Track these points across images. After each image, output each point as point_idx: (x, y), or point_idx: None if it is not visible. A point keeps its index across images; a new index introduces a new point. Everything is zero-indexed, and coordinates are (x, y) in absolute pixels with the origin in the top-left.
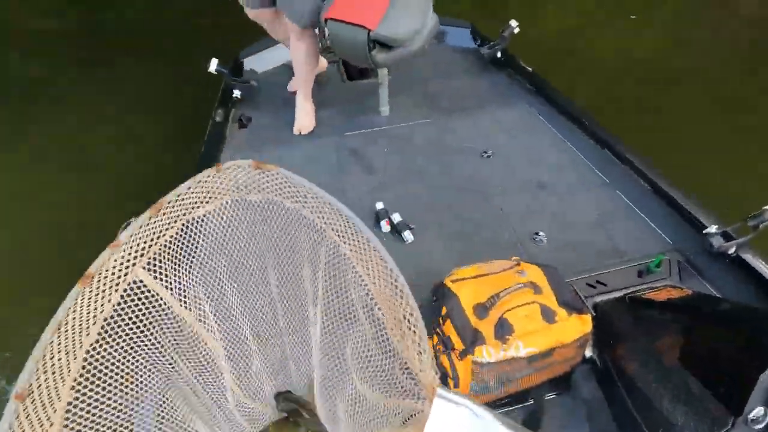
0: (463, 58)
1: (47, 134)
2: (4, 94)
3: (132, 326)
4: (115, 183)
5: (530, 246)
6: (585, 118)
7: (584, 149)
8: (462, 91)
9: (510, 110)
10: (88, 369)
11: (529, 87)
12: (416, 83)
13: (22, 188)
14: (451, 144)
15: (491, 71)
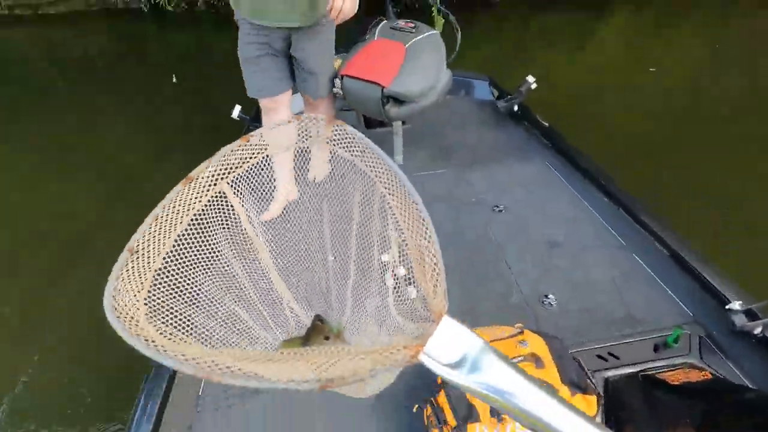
0: (480, 110)
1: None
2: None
3: (210, 227)
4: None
5: (539, 309)
6: (601, 176)
7: (600, 208)
8: (478, 143)
9: (525, 164)
10: (175, 247)
11: (545, 142)
12: (432, 133)
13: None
14: (464, 196)
15: (508, 124)
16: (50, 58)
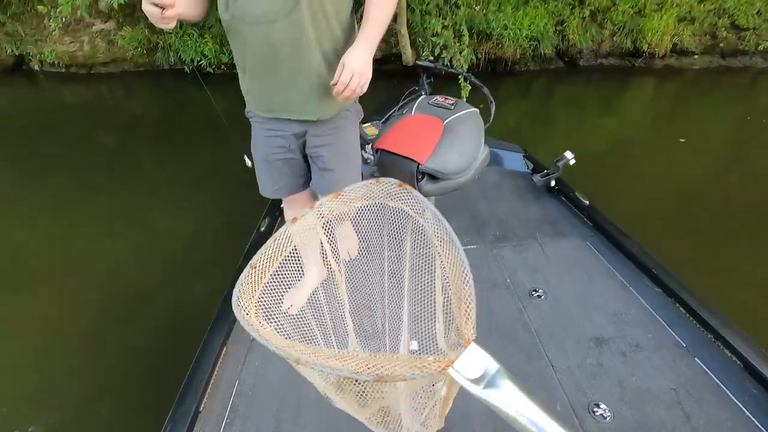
0: (514, 182)
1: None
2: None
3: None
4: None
5: (589, 421)
6: (651, 263)
7: (652, 300)
8: (512, 217)
9: (564, 244)
10: (279, 269)
11: (585, 220)
12: (464, 205)
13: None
14: (498, 276)
15: (544, 199)
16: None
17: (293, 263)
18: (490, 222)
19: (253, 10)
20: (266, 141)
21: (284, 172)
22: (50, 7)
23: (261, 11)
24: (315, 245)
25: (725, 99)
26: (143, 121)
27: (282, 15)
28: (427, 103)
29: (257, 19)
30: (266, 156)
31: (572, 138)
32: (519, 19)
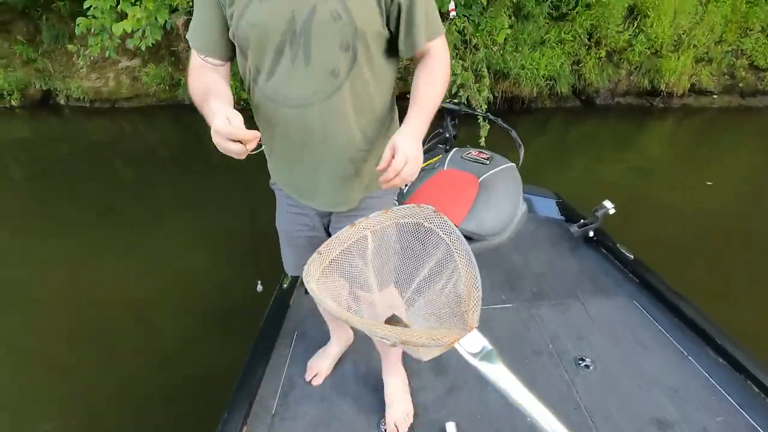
0: (549, 231)
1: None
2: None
3: (354, 253)
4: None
5: None
6: (711, 328)
7: (715, 373)
8: (549, 271)
9: (608, 303)
10: (337, 257)
11: (630, 276)
12: (496, 257)
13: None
14: (537, 340)
15: (582, 251)
16: (117, 146)
17: (347, 256)
18: (525, 276)
19: (288, 92)
20: (290, 218)
21: (308, 250)
22: (80, 46)
23: (298, 94)
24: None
25: (747, 138)
26: (161, 153)
27: (321, 98)
28: (460, 157)
29: (292, 102)
30: (289, 233)
31: (591, 177)
32: (536, 59)
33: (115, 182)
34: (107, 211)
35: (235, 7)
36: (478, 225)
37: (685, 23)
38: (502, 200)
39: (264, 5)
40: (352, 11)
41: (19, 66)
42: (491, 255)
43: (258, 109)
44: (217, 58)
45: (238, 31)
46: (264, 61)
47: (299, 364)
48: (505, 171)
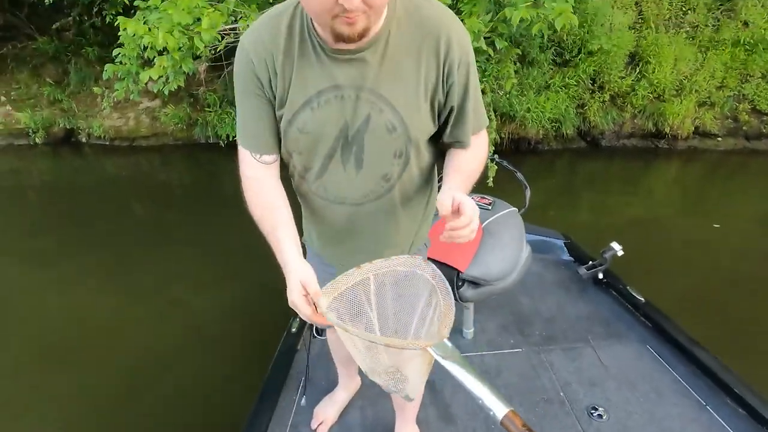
0: (557, 273)
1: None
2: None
3: (353, 298)
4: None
5: None
6: (729, 377)
7: (736, 424)
8: (558, 314)
9: (620, 348)
10: (345, 291)
11: (643, 320)
12: (503, 300)
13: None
14: (548, 387)
15: (591, 293)
16: (134, 184)
17: (352, 292)
18: (534, 320)
19: (338, 192)
20: (321, 277)
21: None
22: (105, 89)
23: (347, 195)
24: (351, 355)
25: (754, 181)
26: (176, 191)
27: (371, 199)
28: None
29: (340, 200)
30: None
31: (599, 217)
32: (541, 103)
33: (128, 218)
34: (118, 246)
35: (285, 111)
36: (484, 271)
37: (686, 69)
38: (506, 245)
39: (316, 113)
40: (406, 122)
41: (46, 106)
42: (499, 298)
43: (304, 198)
44: (272, 154)
45: (288, 135)
46: (313, 163)
47: (306, 411)
48: (507, 216)
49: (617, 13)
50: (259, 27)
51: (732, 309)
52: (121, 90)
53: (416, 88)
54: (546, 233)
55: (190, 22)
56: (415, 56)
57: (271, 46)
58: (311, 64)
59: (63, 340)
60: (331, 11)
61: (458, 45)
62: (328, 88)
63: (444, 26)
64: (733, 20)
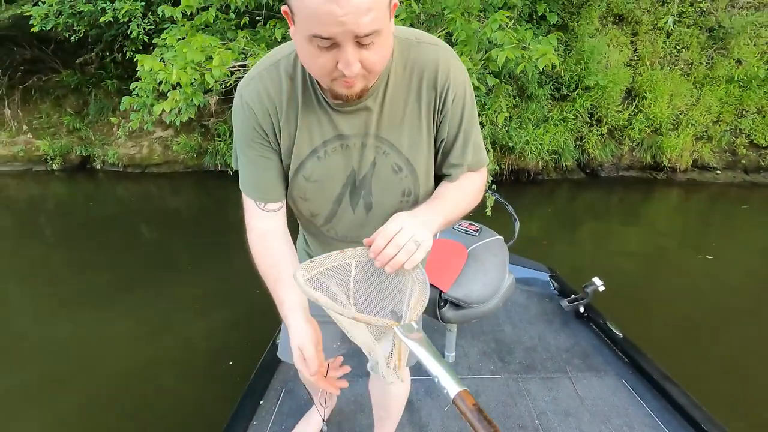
0: (541, 305)
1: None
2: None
3: (337, 275)
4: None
5: None
6: (700, 415)
7: None
8: (539, 345)
9: (598, 383)
10: (316, 276)
11: (620, 354)
12: (487, 327)
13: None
14: (524, 415)
15: (573, 326)
16: (144, 210)
17: (331, 274)
18: (515, 348)
19: (348, 233)
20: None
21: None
22: (121, 119)
23: (357, 235)
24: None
25: (754, 214)
26: (185, 216)
27: None
28: (452, 228)
29: (349, 240)
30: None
31: (596, 247)
32: (540, 136)
33: (136, 242)
34: (125, 269)
35: (291, 160)
36: (466, 293)
37: (682, 104)
38: (488, 270)
39: (323, 162)
40: (412, 162)
41: (65, 134)
42: (484, 324)
43: (314, 236)
44: (277, 202)
45: (294, 183)
46: (321, 209)
47: (284, 422)
48: (492, 243)
49: (613, 51)
50: (258, 77)
51: (718, 338)
52: (136, 120)
53: (419, 126)
54: (532, 266)
55: (202, 60)
56: (415, 94)
57: (274, 96)
58: (315, 113)
59: (65, 360)
60: (331, 75)
61: (455, 78)
62: (333, 138)
63: (442, 60)
64: (726, 58)
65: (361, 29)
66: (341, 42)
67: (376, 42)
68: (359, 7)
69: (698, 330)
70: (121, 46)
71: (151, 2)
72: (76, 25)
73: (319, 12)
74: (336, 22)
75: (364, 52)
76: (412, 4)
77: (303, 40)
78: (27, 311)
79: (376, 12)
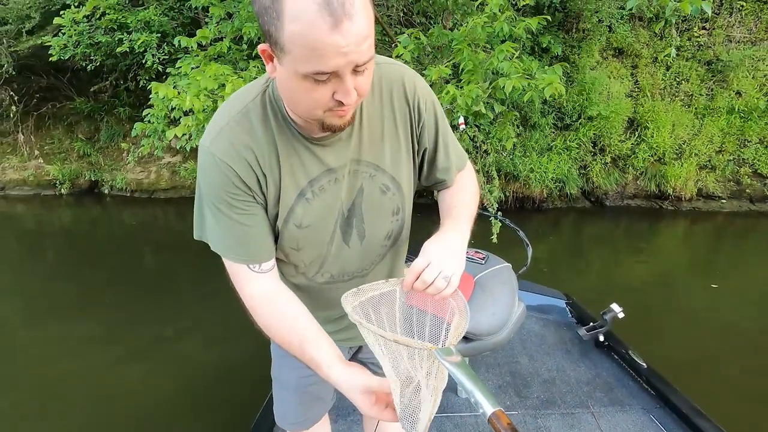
0: (557, 333)
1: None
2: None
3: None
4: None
5: None
6: None
7: None
8: (558, 377)
9: (623, 418)
10: (368, 299)
11: (644, 386)
12: (502, 359)
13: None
14: None
15: (593, 356)
16: (149, 234)
17: (378, 302)
18: (532, 382)
19: (343, 269)
20: (299, 366)
21: (318, 400)
22: (131, 145)
23: (354, 269)
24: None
25: (760, 243)
26: (187, 240)
27: (375, 263)
28: None
29: (346, 277)
30: (299, 381)
31: (603, 276)
32: (544, 164)
33: (139, 270)
34: (127, 302)
35: (279, 208)
36: (474, 324)
37: (684, 134)
38: (497, 300)
39: (312, 204)
40: (397, 178)
41: (75, 159)
42: (498, 356)
43: (300, 289)
44: (271, 258)
45: (285, 235)
46: (314, 256)
47: None
48: (500, 271)
49: (614, 82)
50: (227, 129)
51: (738, 373)
52: (147, 146)
53: (398, 140)
54: (547, 293)
55: (215, 87)
56: (389, 109)
57: (252, 145)
58: (297, 153)
59: (63, 386)
60: (326, 106)
61: (422, 89)
62: (321, 175)
63: (406, 75)
64: (725, 90)
65: (362, 57)
66: (342, 73)
67: (368, 67)
68: (359, 35)
69: (717, 360)
70: (135, 74)
71: (166, 33)
72: (93, 54)
73: (323, 45)
74: (339, 53)
75: (358, 79)
76: (420, 36)
77: (294, 78)
78: (20, 331)
79: (371, 38)
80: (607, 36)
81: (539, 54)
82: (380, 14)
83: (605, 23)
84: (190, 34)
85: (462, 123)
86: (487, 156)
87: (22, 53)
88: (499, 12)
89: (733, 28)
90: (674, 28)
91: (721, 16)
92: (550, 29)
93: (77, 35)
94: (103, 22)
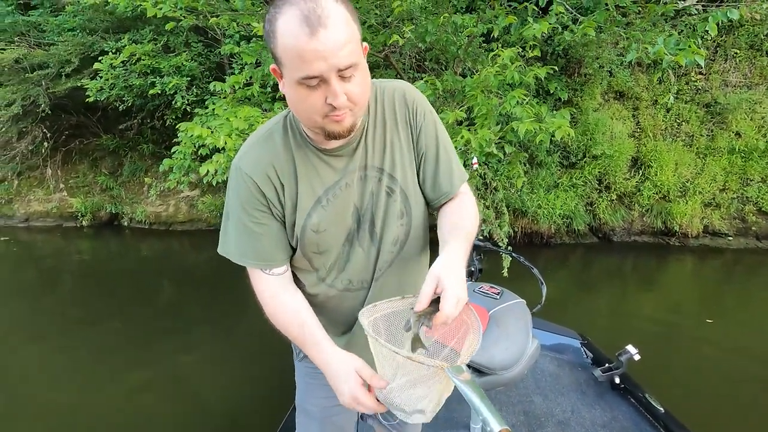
0: (573, 374)
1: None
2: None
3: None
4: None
5: None
6: None
7: None
8: (571, 418)
9: None
10: (382, 316)
11: (663, 431)
12: (515, 397)
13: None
14: None
15: (609, 398)
16: (165, 266)
17: (394, 317)
18: (546, 422)
19: (358, 276)
20: (327, 390)
21: (340, 431)
22: (153, 179)
23: (365, 276)
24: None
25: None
26: (203, 272)
27: (384, 270)
28: (472, 291)
29: (359, 285)
30: (323, 412)
31: (613, 314)
32: (551, 200)
33: (155, 301)
34: (141, 333)
35: (297, 216)
36: (488, 358)
37: (687, 173)
38: (511, 334)
39: (328, 209)
40: (400, 181)
41: (98, 193)
42: (512, 395)
43: (317, 299)
44: (283, 265)
45: (304, 239)
46: (335, 256)
47: None
48: (514, 306)
49: (616, 123)
50: (253, 148)
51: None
52: (174, 180)
53: (399, 142)
54: (562, 332)
55: (245, 128)
56: (391, 113)
57: (273, 160)
58: (312, 165)
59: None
60: (322, 111)
61: (420, 99)
62: (334, 184)
63: (406, 86)
64: (725, 131)
65: (342, 62)
66: (327, 77)
67: (356, 75)
68: (336, 41)
69: (735, 400)
70: (162, 114)
71: (194, 77)
72: (126, 96)
73: (304, 51)
74: (320, 58)
75: (347, 85)
76: (436, 82)
77: (293, 86)
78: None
79: (352, 45)
80: (608, 80)
81: (543, 96)
82: (395, 60)
83: (606, 69)
84: (216, 78)
85: (475, 162)
86: (496, 192)
87: (59, 93)
88: (509, 62)
89: (729, 74)
90: (672, 74)
91: (716, 62)
92: (554, 74)
93: (113, 78)
94: (138, 67)
